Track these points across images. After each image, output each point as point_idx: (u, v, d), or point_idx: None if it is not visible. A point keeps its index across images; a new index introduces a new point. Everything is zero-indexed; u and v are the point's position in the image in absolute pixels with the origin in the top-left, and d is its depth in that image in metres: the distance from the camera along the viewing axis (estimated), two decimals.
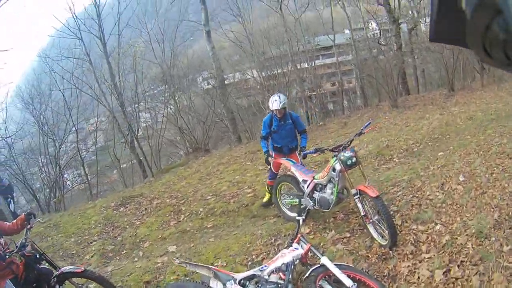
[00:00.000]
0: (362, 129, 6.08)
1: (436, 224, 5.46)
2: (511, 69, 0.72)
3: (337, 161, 5.68)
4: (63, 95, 21.38)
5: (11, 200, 13.81)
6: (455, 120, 11.93)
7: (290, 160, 7.07)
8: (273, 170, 8.01)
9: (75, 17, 20.37)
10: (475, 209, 5.55)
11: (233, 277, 4.67)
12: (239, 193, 9.70)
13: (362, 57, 22.27)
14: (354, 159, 5.61)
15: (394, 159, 9.69)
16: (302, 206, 6.57)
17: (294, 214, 6.77)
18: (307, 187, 6.35)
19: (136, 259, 7.67)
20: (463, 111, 12.92)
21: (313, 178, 6.26)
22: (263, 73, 19.05)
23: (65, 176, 24.58)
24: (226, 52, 25.02)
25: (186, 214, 9.45)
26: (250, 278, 4.67)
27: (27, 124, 23.03)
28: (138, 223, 9.77)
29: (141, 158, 20.21)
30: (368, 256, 5.26)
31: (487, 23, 0.64)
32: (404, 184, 7.03)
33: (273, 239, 6.43)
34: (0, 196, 14.42)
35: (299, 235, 4.95)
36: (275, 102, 7.32)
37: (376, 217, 5.38)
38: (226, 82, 21.83)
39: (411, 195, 6.49)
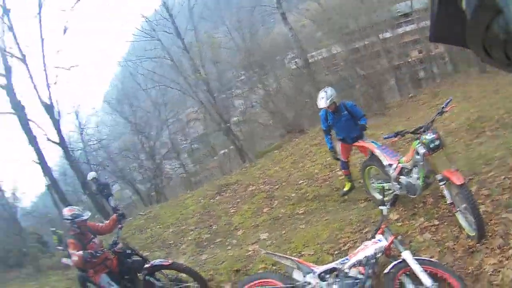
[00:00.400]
0: (443, 107, 5.65)
1: None
2: (511, 69, 0.74)
3: (419, 144, 5.37)
4: (147, 94, 22.81)
5: (111, 196, 14.68)
6: None
7: (375, 143, 6.76)
8: (343, 159, 7.92)
9: (148, 21, 21.30)
10: None
11: (313, 269, 4.68)
12: (331, 176, 9.66)
13: None
14: (437, 142, 5.23)
15: (486, 132, 9.07)
16: (387, 194, 6.36)
17: (388, 194, 6.48)
18: (393, 171, 6.10)
19: (229, 247, 8.01)
20: None
21: (398, 161, 5.99)
22: (346, 48, 18.55)
23: (167, 166, 26.11)
24: (308, 30, 24.65)
25: (279, 199, 9.59)
26: (330, 271, 4.62)
27: (118, 125, 24.89)
28: (233, 211, 10.11)
29: (237, 144, 20.55)
30: (454, 249, 4.97)
31: (487, 23, 0.66)
32: (496, 163, 6.56)
33: (362, 226, 6.33)
34: (100, 195, 15.28)
35: (383, 226, 4.76)
36: (321, 100, 7.14)
37: (464, 205, 4.99)
38: (310, 60, 21.40)
39: (503, 176, 5.97)
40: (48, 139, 17.55)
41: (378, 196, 6.80)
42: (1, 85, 16.05)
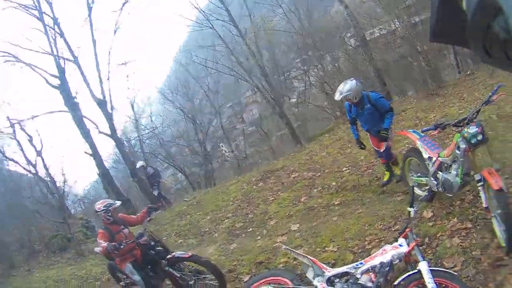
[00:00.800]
0: (490, 96, 4.91)
1: None
2: (511, 69, 0.71)
3: (461, 138, 4.76)
4: (200, 82, 23.52)
5: (156, 185, 15.21)
6: None
7: (417, 133, 6.15)
8: (376, 149, 7.51)
9: (201, 11, 21.55)
10: None
11: (324, 272, 4.42)
12: (374, 163, 9.12)
13: None
14: (480, 137, 4.58)
15: None
16: (425, 190, 5.97)
17: (422, 193, 6.09)
18: (432, 166, 5.55)
19: (258, 238, 7.91)
20: None
21: (439, 155, 5.39)
22: (404, 23, 17.42)
23: (223, 150, 26.51)
24: (367, 6, 23.57)
25: (318, 188, 9.27)
26: (342, 275, 4.35)
27: (171, 115, 26.12)
28: (271, 199, 9.88)
29: (290, 127, 20.42)
30: (480, 260, 4.44)
31: (487, 23, 0.65)
32: None
33: (393, 223, 5.96)
34: (148, 182, 15.93)
35: (407, 230, 4.27)
36: (336, 93, 6.82)
37: (499, 211, 4.35)
38: (368, 38, 20.74)
39: None
40: (100, 132, 18.98)
41: (417, 191, 6.28)
42: (54, 85, 17.50)
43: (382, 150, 7.25)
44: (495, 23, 0.63)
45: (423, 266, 3.84)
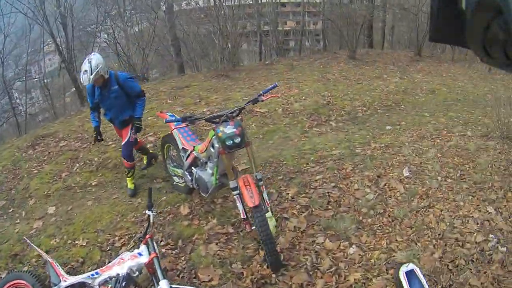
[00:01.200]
0: (259, 95, 4.27)
1: (351, 244, 4.01)
2: (511, 69, 0.71)
3: (215, 136, 4.05)
4: None
5: None
6: (415, 89, 10.74)
7: (175, 118, 5.00)
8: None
9: None
10: (411, 232, 4.15)
11: (60, 280, 3.71)
12: (143, 141, 8.09)
13: (331, 1, 20.69)
14: (237, 139, 3.89)
15: (331, 122, 8.26)
16: (180, 184, 5.36)
17: (181, 184, 5.35)
18: (186, 159, 4.86)
19: (18, 221, 6.49)
20: (426, 81, 11.82)
21: (194, 148, 4.65)
22: (218, 2, 17.26)
23: (17, 101, 23.57)
24: None
25: (81, 163, 7.99)
26: (80, 286, 3.62)
27: None
28: (35, 171, 8.33)
29: (77, 86, 18.58)
30: (242, 274, 3.85)
31: (487, 23, 0.65)
32: (330, 164, 5.53)
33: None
34: None
35: (147, 236, 3.55)
36: (84, 75, 5.34)
37: (257, 226, 3.77)
38: (183, 8, 21.08)
39: (333, 184, 4.98)
40: None
41: (176, 179, 5.62)
42: None
43: (123, 142, 6.04)
44: (494, 23, 0.63)
45: (163, 286, 3.23)
